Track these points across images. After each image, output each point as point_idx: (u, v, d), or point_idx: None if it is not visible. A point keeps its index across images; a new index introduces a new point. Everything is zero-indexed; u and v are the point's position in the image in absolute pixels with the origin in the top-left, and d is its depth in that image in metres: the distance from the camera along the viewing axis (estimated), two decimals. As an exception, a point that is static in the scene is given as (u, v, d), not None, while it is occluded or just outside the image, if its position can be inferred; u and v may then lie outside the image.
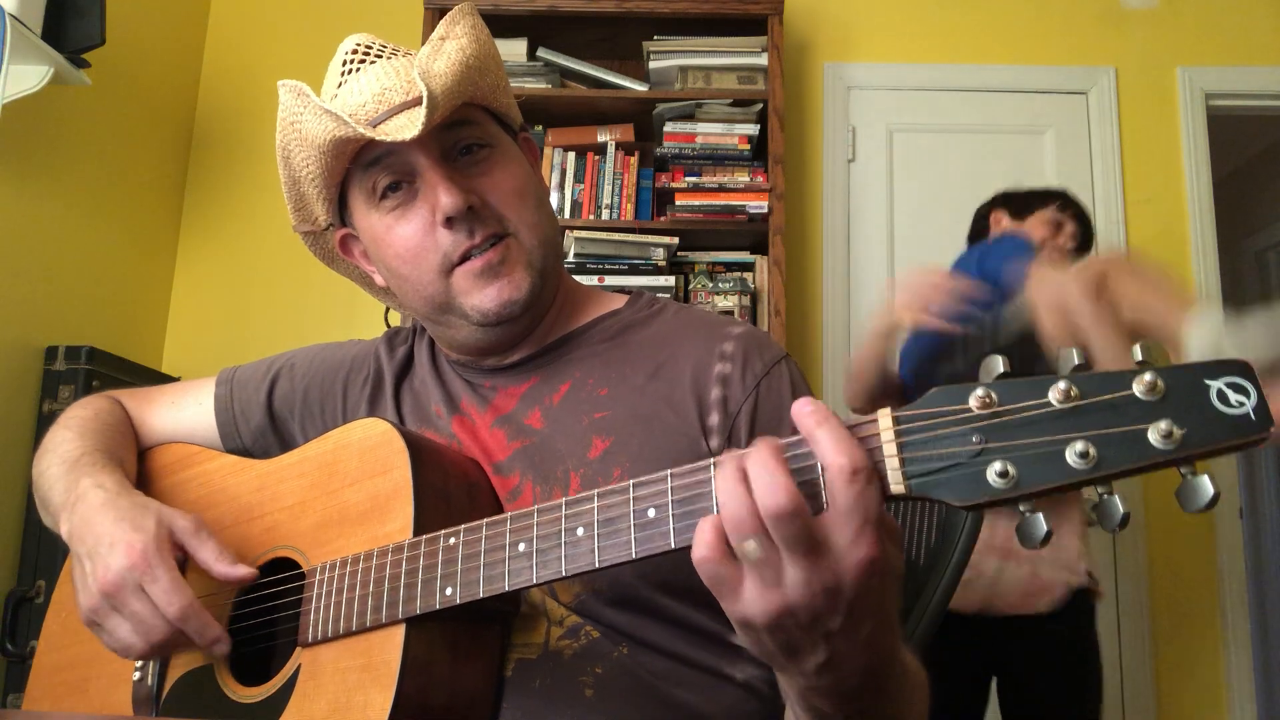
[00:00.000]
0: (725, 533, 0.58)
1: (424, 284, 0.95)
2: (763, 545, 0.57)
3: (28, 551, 2.26)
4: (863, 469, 0.56)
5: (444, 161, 0.93)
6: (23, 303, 2.36)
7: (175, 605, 0.84)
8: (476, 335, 0.98)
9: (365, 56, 0.97)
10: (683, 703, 0.86)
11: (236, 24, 3.24)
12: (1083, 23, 3.19)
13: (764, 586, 0.58)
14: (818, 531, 0.57)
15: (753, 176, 2.80)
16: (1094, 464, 0.51)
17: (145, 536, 0.86)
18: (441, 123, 0.92)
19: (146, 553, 0.85)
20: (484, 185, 0.95)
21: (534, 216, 0.97)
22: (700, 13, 2.86)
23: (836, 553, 0.57)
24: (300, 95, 0.92)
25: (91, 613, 0.87)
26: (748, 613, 0.59)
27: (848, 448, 0.57)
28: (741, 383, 0.93)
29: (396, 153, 0.92)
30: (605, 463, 0.91)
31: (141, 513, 0.90)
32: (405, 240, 0.94)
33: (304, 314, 2.99)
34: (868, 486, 0.56)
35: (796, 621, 0.58)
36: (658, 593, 0.87)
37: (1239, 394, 0.50)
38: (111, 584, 0.85)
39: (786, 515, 0.55)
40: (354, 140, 0.91)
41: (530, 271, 0.96)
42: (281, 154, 0.99)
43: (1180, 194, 3.08)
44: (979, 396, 0.55)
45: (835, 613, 0.57)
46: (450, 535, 0.79)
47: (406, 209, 0.94)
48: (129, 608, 0.85)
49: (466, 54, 0.94)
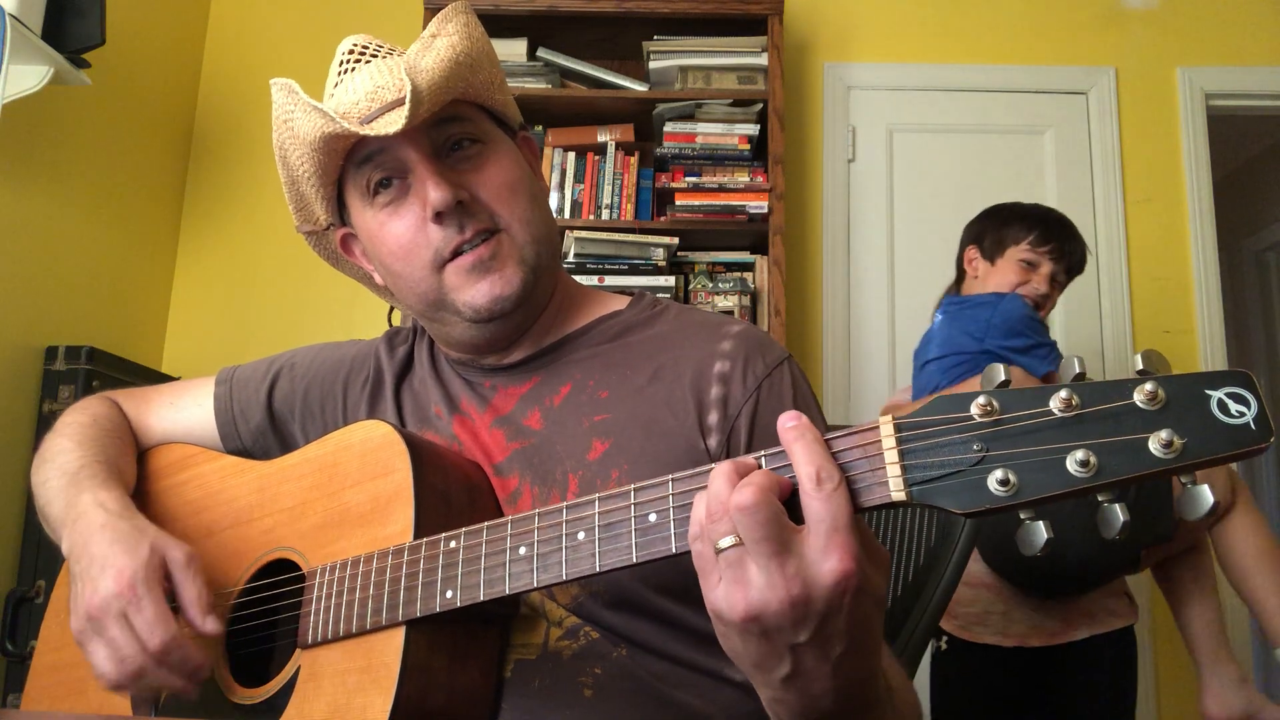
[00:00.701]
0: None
1: (417, 280, 0.96)
2: (735, 540, 0.58)
3: (28, 551, 2.26)
4: (828, 477, 0.57)
5: (434, 157, 0.93)
6: (23, 303, 2.36)
7: (157, 638, 0.83)
8: (471, 332, 0.98)
9: (361, 56, 0.98)
10: (682, 703, 0.87)
11: (236, 24, 3.24)
12: (1083, 23, 3.19)
13: (732, 583, 0.58)
14: (789, 537, 0.57)
15: (753, 176, 2.80)
16: (1094, 473, 0.51)
17: (136, 564, 0.85)
18: (432, 119, 0.92)
19: (134, 581, 0.84)
20: (474, 180, 0.95)
21: (527, 212, 0.97)
22: (700, 13, 2.86)
23: (806, 562, 0.56)
24: (290, 93, 0.92)
25: (78, 634, 0.87)
26: (717, 606, 0.59)
27: (815, 457, 0.58)
28: (742, 383, 0.93)
29: (388, 149, 0.93)
30: (604, 464, 0.91)
31: (138, 539, 0.89)
32: (398, 237, 0.95)
33: (304, 314, 2.99)
34: (834, 494, 0.57)
35: (762, 626, 0.58)
36: (656, 595, 0.87)
37: (1239, 404, 0.50)
38: (96, 608, 0.84)
39: (748, 509, 0.56)
40: (344, 136, 0.91)
41: (522, 267, 0.95)
42: (279, 153, 0.99)
43: (1180, 194, 3.08)
44: (980, 404, 0.55)
45: (803, 626, 0.57)
46: (450, 538, 0.79)
47: (399, 206, 0.95)
48: (108, 634, 0.84)
49: (456, 50, 0.94)
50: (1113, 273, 3.01)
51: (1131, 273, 3.02)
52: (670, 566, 0.68)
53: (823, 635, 0.57)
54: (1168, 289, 3.03)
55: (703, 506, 0.60)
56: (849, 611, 0.57)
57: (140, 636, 0.83)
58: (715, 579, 0.59)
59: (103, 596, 0.84)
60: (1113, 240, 3.03)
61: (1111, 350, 2.97)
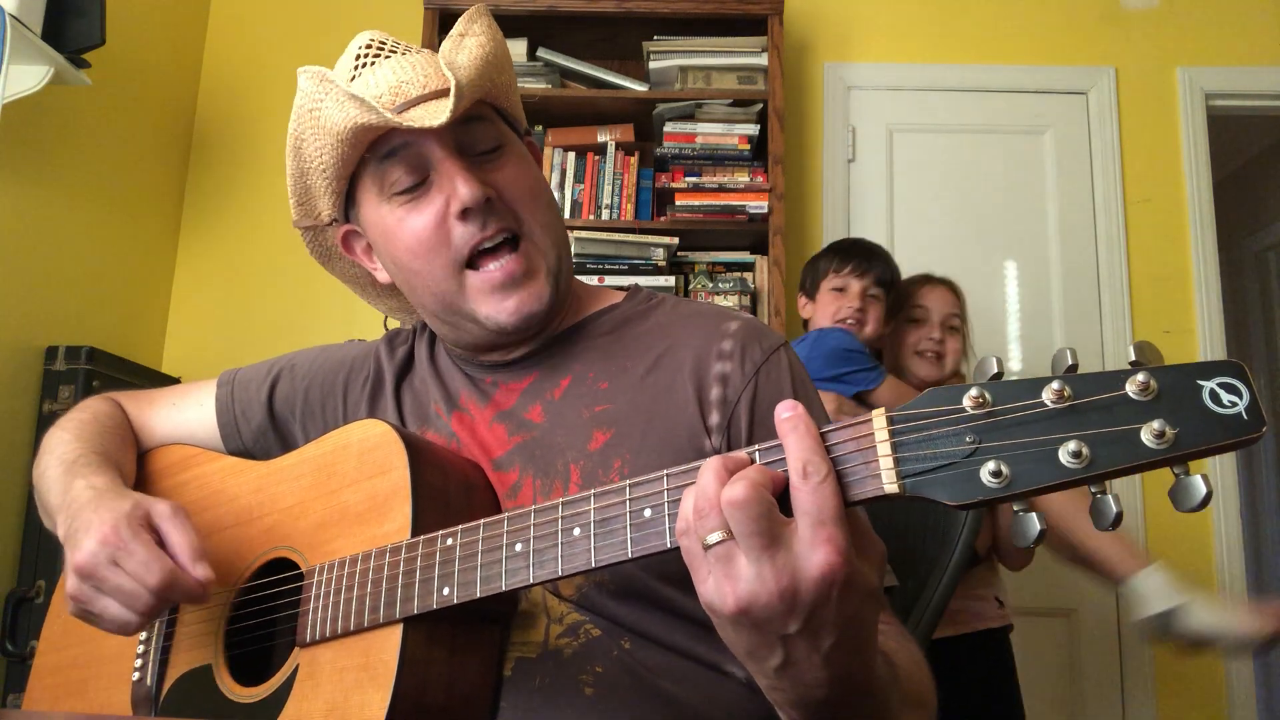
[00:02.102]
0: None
1: (436, 279, 0.95)
2: (723, 535, 0.58)
3: (28, 551, 2.26)
4: (814, 470, 0.57)
5: (460, 154, 0.93)
6: (23, 303, 2.36)
7: (155, 575, 0.83)
8: (489, 338, 0.98)
9: (380, 52, 0.98)
10: (683, 700, 0.87)
11: (236, 24, 3.24)
12: (1083, 23, 3.19)
13: (723, 577, 0.58)
14: (779, 530, 0.57)
15: (753, 176, 2.80)
16: (1087, 464, 0.51)
17: (116, 515, 0.85)
18: (460, 117, 0.92)
19: (117, 527, 0.84)
20: (499, 180, 0.95)
21: (546, 217, 0.98)
22: (700, 13, 2.86)
23: (795, 554, 0.57)
24: (323, 81, 0.92)
25: (75, 600, 0.86)
26: (709, 599, 0.59)
27: (804, 449, 0.58)
28: (741, 371, 0.93)
29: (413, 145, 0.92)
30: (605, 455, 0.91)
31: (120, 497, 0.89)
32: (417, 233, 0.94)
33: (304, 314, 2.99)
34: (820, 486, 0.57)
35: (752, 619, 0.58)
36: (660, 583, 0.87)
37: (1231, 394, 0.50)
38: (85, 564, 0.84)
39: (741, 504, 0.56)
40: (376, 129, 0.91)
41: (549, 280, 0.96)
42: (293, 143, 0.98)
43: (1180, 194, 3.08)
44: (973, 396, 0.55)
45: (792, 617, 0.57)
46: (448, 536, 0.79)
47: (419, 201, 0.94)
48: (109, 583, 0.84)
49: (486, 50, 0.95)
50: (1113, 273, 3.01)
51: (1131, 272, 3.02)
52: (673, 555, 0.68)
53: (812, 627, 0.58)
54: (1167, 288, 3.02)
55: (690, 502, 0.60)
56: (837, 604, 0.57)
57: (138, 577, 0.83)
58: (705, 573, 0.59)
59: (88, 551, 0.84)
60: (1113, 240, 3.03)
61: (1111, 350, 2.97)
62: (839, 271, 2.17)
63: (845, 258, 2.18)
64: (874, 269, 2.16)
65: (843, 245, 2.28)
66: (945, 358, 2.21)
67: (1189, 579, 1.75)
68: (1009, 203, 3.08)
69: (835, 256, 2.21)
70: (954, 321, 2.24)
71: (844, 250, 2.23)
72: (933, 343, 2.21)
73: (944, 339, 2.22)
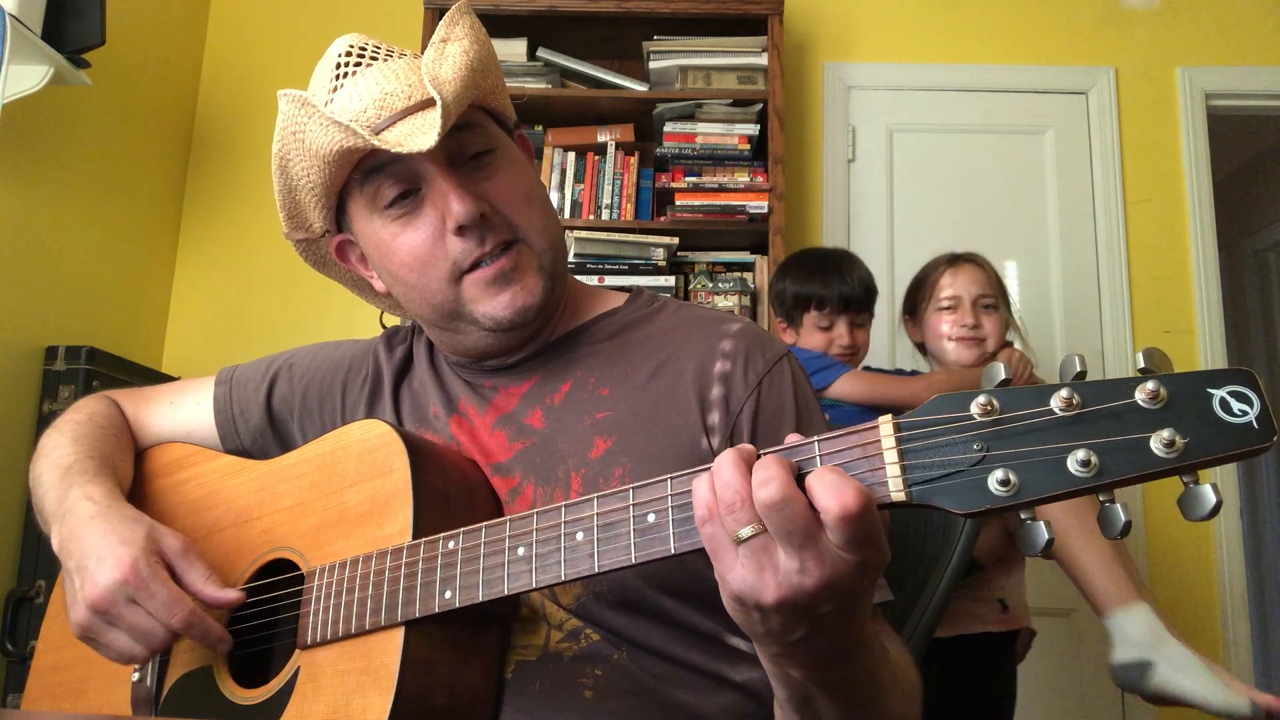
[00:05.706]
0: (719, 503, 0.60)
1: (432, 292, 0.94)
2: (756, 531, 0.58)
3: (28, 551, 2.25)
4: (856, 511, 0.56)
5: (452, 167, 0.92)
6: (23, 303, 2.36)
7: (178, 616, 0.84)
8: (487, 340, 0.98)
9: (360, 59, 0.95)
10: (682, 704, 0.86)
11: (236, 24, 3.23)
12: (1083, 23, 3.19)
13: (760, 569, 0.58)
14: (814, 530, 0.57)
15: (753, 176, 2.80)
16: (1096, 472, 0.51)
17: (134, 550, 0.85)
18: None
19: (137, 566, 0.84)
20: (492, 190, 0.93)
21: (542, 220, 0.97)
22: (700, 13, 2.86)
23: (832, 543, 0.57)
24: (304, 105, 0.90)
25: (82, 628, 0.86)
26: (739, 590, 0.60)
27: (842, 492, 0.56)
28: (744, 380, 0.93)
29: (402, 159, 0.90)
30: (607, 463, 0.91)
31: (131, 526, 0.89)
32: (412, 248, 0.93)
33: (304, 314, 2.99)
34: (864, 519, 0.57)
35: (792, 606, 0.59)
36: (659, 594, 0.87)
37: (1242, 403, 0.49)
38: (100, 599, 0.84)
39: (778, 505, 0.56)
40: (361, 150, 0.90)
41: (542, 276, 0.95)
42: (279, 163, 0.97)
43: (1180, 194, 3.08)
44: (981, 404, 0.54)
45: (831, 600, 0.59)
46: (449, 539, 0.79)
47: (413, 216, 0.93)
48: (125, 621, 0.84)
49: (470, 56, 0.93)
50: (1113, 273, 3.01)
51: (1131, 273, 3.02)
52: (673, 565, 0.68)
53: (848, 604, 0.60)
54: (1168, 289, 3.02)
55: (706, 489, 0.60)
56: (870, 581, 0.60)
57: (159, 617, 0.84)
58: (732, 561, 0.60)
59: (104, 586, 0.84)
60: (1113, 240, 3.03)
61: (1112, 350, 2.97)
62: (820, 310, 2.07)
63: (821, 296, 2.07)
64: (853, 299, 2.06)
65: (811, 274, 2.11)
66: (985, 340, 2.07)
67: (1177, 626, 1.68)
68: (1009, 203, 3.08)
69: (810, 297, 2.08)
70: (987, 300, 2.09)
71: (816, 281, 2.09)
72: (966, 329, 2.07)
73: (978, 322, 2.07)
